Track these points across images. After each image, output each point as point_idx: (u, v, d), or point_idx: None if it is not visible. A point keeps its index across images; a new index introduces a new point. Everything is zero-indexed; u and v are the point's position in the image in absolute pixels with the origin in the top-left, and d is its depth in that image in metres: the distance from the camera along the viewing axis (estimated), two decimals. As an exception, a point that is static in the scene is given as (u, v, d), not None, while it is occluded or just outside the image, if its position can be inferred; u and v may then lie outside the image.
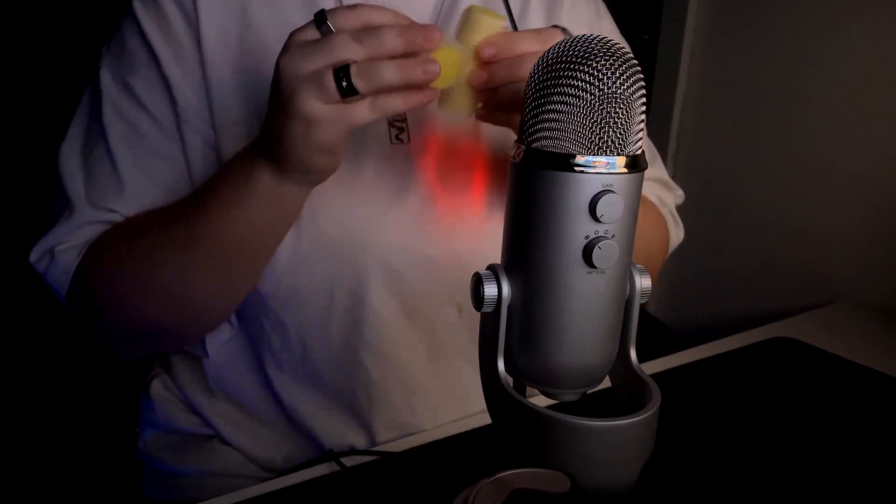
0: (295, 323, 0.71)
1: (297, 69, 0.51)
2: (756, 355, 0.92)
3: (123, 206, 0.68)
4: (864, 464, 0.69)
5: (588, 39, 0.41)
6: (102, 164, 0.69)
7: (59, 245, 0.68)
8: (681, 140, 1.39)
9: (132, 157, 0.68)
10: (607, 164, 0.40)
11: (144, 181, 0.68)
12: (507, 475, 0.51)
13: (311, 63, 0.51)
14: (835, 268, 1.17)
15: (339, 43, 0.51)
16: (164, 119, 0.68)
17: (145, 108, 0.68)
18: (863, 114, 1.12)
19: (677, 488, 0.64)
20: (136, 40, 0.68)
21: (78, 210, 0.69)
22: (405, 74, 0.51)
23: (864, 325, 1.06)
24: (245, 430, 0.78)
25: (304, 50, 0.51)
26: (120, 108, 0.69)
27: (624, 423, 0.41)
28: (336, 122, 0.52)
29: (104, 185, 0.69)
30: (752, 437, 0.73)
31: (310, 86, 0.51)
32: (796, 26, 1.19)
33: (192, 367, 0.80)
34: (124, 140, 0.68)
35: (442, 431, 0.74)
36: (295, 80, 0.51)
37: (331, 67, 0.50)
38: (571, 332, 0.43)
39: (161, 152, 0.69)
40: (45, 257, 0.69)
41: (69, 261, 0.67)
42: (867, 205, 1.12)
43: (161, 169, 0.69)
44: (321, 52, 0.51)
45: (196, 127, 0.68)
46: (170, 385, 0.82)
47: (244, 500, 0.62)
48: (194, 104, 0.67)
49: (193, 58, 0.67)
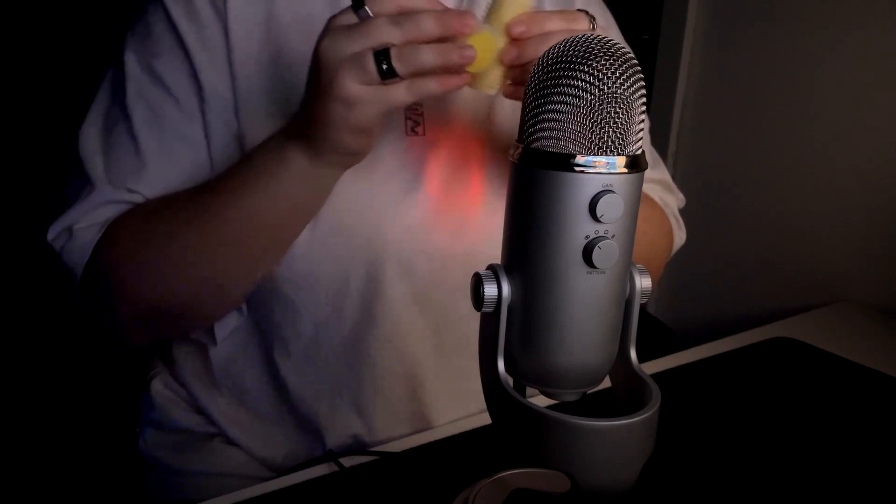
0: (308, 308, 0.71)
1: (338, 52, 0.52)
2: (756, 355, 0.92)
3: (145, 186, 0.68)
4: (864, 464, 0.69)
5: (588, 39, 0.41)
6: (124, 145, 0.69)
7: (78, 223, 0.68)
8: (681, 140, 1.39)
9: (155, 138, 0.69)
10: (607, 164, 0.40)
11: (166, 162, 0.69)
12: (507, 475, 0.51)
13: (351, 46, 0.52)
14: (835, 268, 1.17)
15: (379, 26, 0.52)
16: (188, 102, 0.69)
17: (169, 91, 0.69)
18: (863, 113, 1.12)
19: (677, 488, 0.64)
20: (163, 26, 0.69)
21: (98, 189, 0.69)
22: (443, 58, 0.52)
23: (864, 325, 1.06)
24: (247, 426, 0.78)
25: (344, 33, 0.53)
26: (144, 90, 0.69)
27: (624, 423, 0.41)
28: (374, 103, 0.53)
29: (125, 166, 0.69)
30: (752, 437, 0.73)
31: (350, 67, 0.52)
32: (796, 26, 1.19)
33: (196, 361, 0.80)
34: (147, 122, 0.69)
35: (442, 431, 0.74)
36: (336, 62, 0.52)
37: (371, 50, 0.52)
38: (571, 332, 0.43)
39: (184, 135, 0.69)
40: (63, 235, 0.69)
41: (87, 239, 0.67)
42: (867, 205, 1.12)
43: (183, 151, 0.69)
44: (361, 35, 0.52)
45: (219, 112, 0.69)
46: (170, 383, 0.82)
47: (244, 500, 0.62)
48: (219, 90, 0.68)
49: (220, 46, 0.68)
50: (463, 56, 0.53)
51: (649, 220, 0.81)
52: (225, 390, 0.78)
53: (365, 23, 0.53)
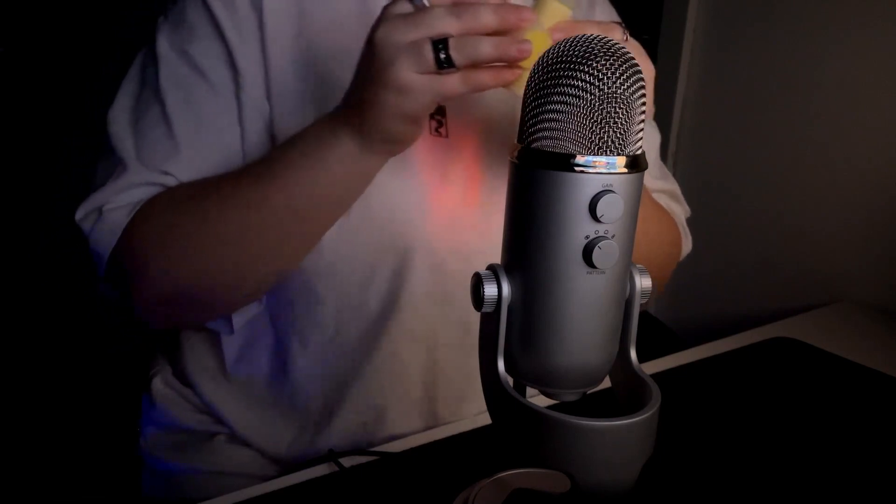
0: (331, 299, 0.72)
1: (396, 39, 0.53)
2: (756, 355, 0.92)
3: (179, 169, 0.68)
4: (864, 464, 0.69)
5: (588, 39, 0.41)
6: (157, 127, 0.69)
7: (108, 204, 0.68)
8: (681, 140, 1.39)
9: (189, 122, 0.69)
10: (607, 164, 0.40)
11: (200, 145, 0.69)
12: (507, 475, 0.51)
13: (409, 34, 0.52)
14: (835, 268, 1.17)
15: (437, 16, 0.52)
16: (223, 87, 0.69)
17: (204, 75, 0.69)
18: (863, 113, 1.12)
19: (677, 488, 0.64)
20: (199, 12, 0.70)
21: (130, 170, 0.68)
22: (500, 51, 0.53)
23: (864, 325, 1.06)
24: (253, 417, 0.78)
25: (402, 21, 0.53)
26: (178, 74, 0.69)
27: (624, 423, 0.41)
28: (427, 92, 0.54)
29: (158, 148, 0.69)
30: (752, 437, 0.73)
31: (408, 55, 0.52)
32: (796, 26, 1.19)
33: (205, 352, 0.80)
34: (182, 105, 0.69)
35: (442, 431, 0.74)
36: (393, 49, 0.53)
37: (429, 39, 0.52)
38: (571, 332, 0.43)
39: (218, 119, 0.69)
40: (92, 215, 0.68)
41: (118, 220, 0.67)
42: (867, 205, 1.12)
43: (216, 135, 0.70)
44: (420, 23, 0.52)
45: (253, 98, 0.69)
46: (171, 381, 0.82)
47: (244, 500, 0.62)
48: (253, 76, 0.69)
49: (254, 34, 0.69)
50: (521, 50, 0.53)
51: (659, 227, 0.82)
52: (233, 381, 0.78)
53: (423, 11, 0.53)
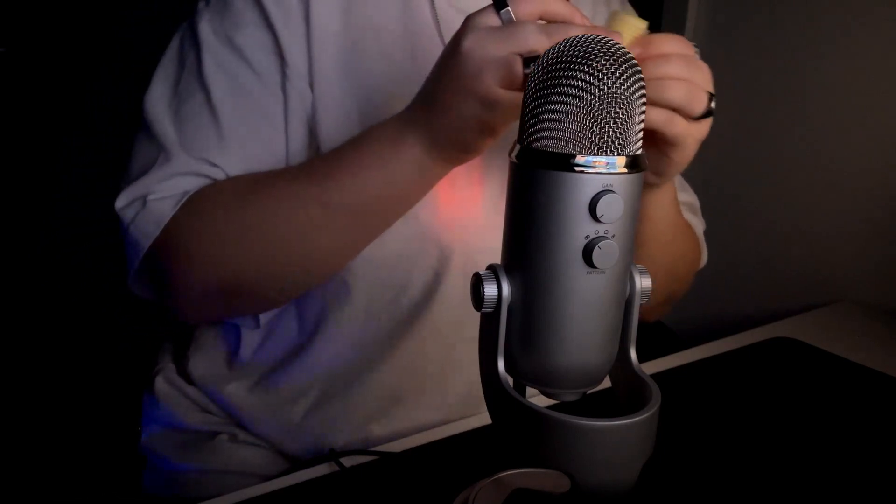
0: (364, 294, 0.72)
1: (486, 52, 0.53)
2: (756, 355, 0.92)
3: (225, 159, 0.67)
4: (864, 464, 0.69)
5: (588, 39, 0.41)
6: (201, 117, 0.68)
7: (153, 194, 0.66)
8: (681, 140, 1.39)
9: (235, 110, 0.68)
10: (607, 164, 0.40)
11: (246, 136, 0.68)
12: (507, 475, 0.51)
13: (500, 48, 0.52)
14: (835, 268, 1.17)
15: (529, 32, 0.52)
16: (269, 76, 0.69)
17: (250, 64, 0.69)
18: (863, 113, 1.12)
19: (677, 488, 0.64)
20: (244, 1, 0.69)
21: (174, 158, 0.67)
22: None
23: (864, 325, 1.06)
24: (261, 409, 0.78)
25: (492, 34, 0.53)
26: (224, 62, 0.69)
27: (624, 423, 0.41)
28: (512, 107, 0.53)
29: (203, 137, 0.68)
30: (752, 437, 0.73)
31: (498, 69, 0.52)
32: (797, 26, 1.19)
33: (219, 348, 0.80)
34: (228, 94, 0.68)
35: (441, 431, 0.74)
36: (483, 61, 0.53)
37: (520, 55, 0.52)
38: (571, 332, 0.43)
39: (264, 109, 0.69)
40: (135, 205, 0.66)
41: (164, 210, 0.65)
42: (867, 205, 1.12)
43: (262, 125, 0.69)
44: (510, 38, 0.52)
45: (298, 89, 0.69)
46: (174, 380, 0.82)
47: (244, 499, 0.62)
48: (299, 68, 0.69)
49: (301, 26, 0.68)
50: None
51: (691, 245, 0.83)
52: (244, 373, 0.78)
53: (514, 26, 0.53)
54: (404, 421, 0.77)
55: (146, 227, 0.66)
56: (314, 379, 0.76)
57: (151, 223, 0.65)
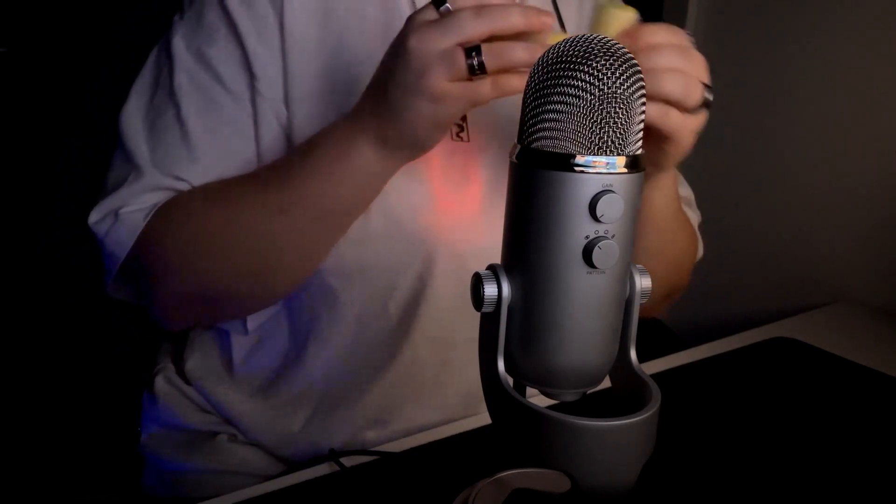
0: (353, 301, 0.72)
1: (428, 48, 0.53)
2: (756, 355, 0.92)
3: (193, 174, 0.68)
4: (864, 464, 0.69)
5: (588, 39, 0.41)
6: (171, 132, 0.69)
7: (125, 208, 0.67)
8: (681, 140, 1.39)
9: (204, 125, 0.68)
10: (607, 164, 0.40)
11: (215, 150, 0.69)
12: (507, 475, 0.51)
13: (441, 41, 0.53)
14: (835, 268, 1.17)
15: (465, 20, 0.53)
16: (239, 91, 0.69)
17: (221, 79, 0.68)
18: (863, 113, 1.12)
19: (677, 488, 0.64)
20: (217, 14, 0.69)
21: (145, 174, 0.68)
22: (531, 56, 0.53)
23: (864, 325, 1.06)
24: (261, 415, 0.78)
25: (432, 29, 0.53)
26: (194, 77, 0.69)
27: (624, 423, 0.41)
28: (461, 98, 0.54)
29: (173, 153, 0.68)
30: (752, 437, 0.73)
31: (441, 64, 0.53)
32: (797, 26, 1.19)
33: (213, 352, 0.80)
34: (197, 109, 0.68)
35: (442, 431, 0.74)
36: (426, 58, 0.53)
37: (460, 45, 0.52)
38: (571, 332, 0.43)
39: (233, 123, 0.69)
40: (108, 219, 0.68)
41: (135, 222, 0.67)
42: (868, 205, 1.12)
43: (232, 140, 0.69)
44: (449, 30, 0.53)
45: (271, 103, 0.69)
46: (174, 380, 0.82)
47: (245, 499, 0.62)
48: (272, 81, 0.68)
49: (275, 37, 0.68)
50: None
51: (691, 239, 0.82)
52: (239, 379, 0.78)
53: (451, 17, 0.53)
54: (404, 423, 0.77)
55: (121, 238, 0.67)
56: (311, 388, 0.76)
57: (125, 234, 0.67)
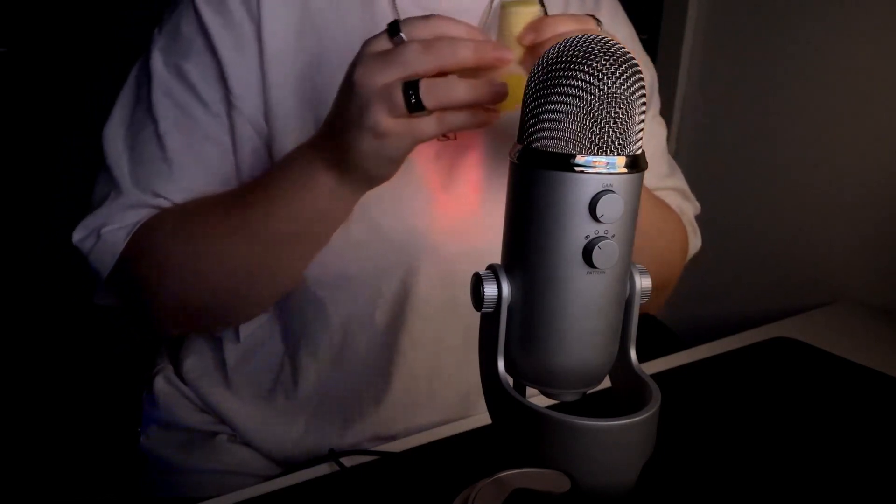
0: (339, 309, 0.72)
1: (370, 82, 0.52)
2: (756, 355, 0.92)
3: (171, 190, 0.68)
4: (864, 464, 0.69)
5: (588, 39, 0.41)
6: (150, 147, 0.69)
7: (107, 226, 0.68)
8: (680, 140, 1.39)
9: (182, 141, 0.68)
10: (607, 164, 0.40)
11: (193, 166, 0.69)
12: (507, 475, 0.51)
13: (382, 76, 0.51)
14: (835, 268, 1.17)
15: (411, 54, 0.51)
16: (216, 106, 0.68)
17: (197, 93, 0.68)
18: (863, 113, 1.12)
19: (677, 488, 0.64)
20: (194, 27, 0.68)
21: (125, 192, 0.69)
22: (474, 95, 0.52)
23: (864, 325, 1.06)
24: (257, 420, 0.78)
25: (376, 61, 0.52)
26: (171, 92, 0.69)
27: (624, 423, 0.41)
28: (404, 136, 0.53)
29: (152, 169, 0.68)
30: (752, 437, 0.73)
31: (381, 100, 0.51)
32: (797, 26, 1.19)
33: (207, 358, 0.80)
34: (174, 124, 0.68)
35: (441, 431, 0.74)
36: (368, 93, 0.52)
37: (401, 81, 0.51)
38: (571, 332, 0.43)
39: (211, 138, 0.69)
40: (91, 238, 0.68)
41: (117, 242, 0.67)
42: (867, 204, 1.12)
43: (210, 154, 0.69)
44: (392, 64, 0.51)
45: (248, 116, 0.68)
46: (174, 380, 0.82)
47: (244, 500, 0.62)
48: (249, 93, 0.68)
49: (252, 48, 0.68)
50: (496, 94, 0.52)
51: (666, 227, 0.81)
52: (234, 385, 0.78)
53: (397, 50, 0.51)
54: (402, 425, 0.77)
55: (103, 257, 0.68)
56: (306, 396, 0.76)
57: (107, 253, 0.68)
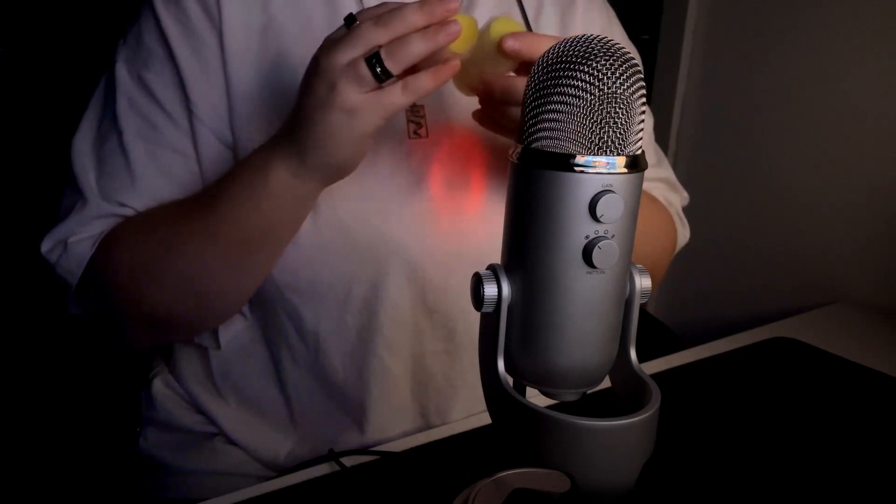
0: (311, 314, 0.72)
1: (333, 62, 0.53)
2: (756, 355, 0.92)
3: (135, 200, 0.69)
4: (864, 464, 0.69)
5: (588, 39, 0.41)
6: (115, 158, 0.69)
7: (72, 237, 0.68)
8: (681, 140, 1.39)
9: (145, 151, 0.69)
10: (607, 164, 0.40)
11: (156, 176, 0.69)
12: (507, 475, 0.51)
13: (344, 55, 0.53)
14: (835, 268, 1.17)
15: (365, 30, 0.53)
16: (177, 115, 0.69)
17: (159, 103, 0.69)
18: (863, 113, 1.12)
19: (677, 488, 0.64)
20: (154, 35, 0.69)
21: (91, 203, 0.69)
22: (429, 39, 0.53)
23: (864, 325, 1.06)
24: (249, 427, 0.78)
25: (336, 44, 0.54)
26: (134, 102, 0.69)
27: (624, 423, 0.41)
28: (375, 109, 0.54)
29: (116, 180, 0.69)
30: (752, 437, 0.73)
31: (348, 77, 0.53)
32: (796, 26, 1.19)
33: (196, 364, 0.80)
34: (138, 134, 0.69)
35: (442, 431, 0.74)
36: (332, 73, 0.53)
37: (362, 56, 0.53)
38: (571, 332, 0.43)
39: (174, 147, 0.69)
40: (58, 248, 0.69)
41: (83, 252, 0.68)
42: (867, 205, 1.12)
43: (173, 164, 0.69)
44: (350, 43, 0.53)
45: (210, 124, 0.69)
46: (171, 382, 0.82)
47: (244, 500, 0.62)
48: (211, 100, 0.68)
49: (214, 54, 0.68)
50: (449, 32, 0.53)
51: (651, 220, 0.81)
52: (223, 393, 0.78)
53: (352, 30, 0.54)
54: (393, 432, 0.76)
55: (70, 267, 0.68)
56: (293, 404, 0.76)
57: (73, 264, 0.68)
